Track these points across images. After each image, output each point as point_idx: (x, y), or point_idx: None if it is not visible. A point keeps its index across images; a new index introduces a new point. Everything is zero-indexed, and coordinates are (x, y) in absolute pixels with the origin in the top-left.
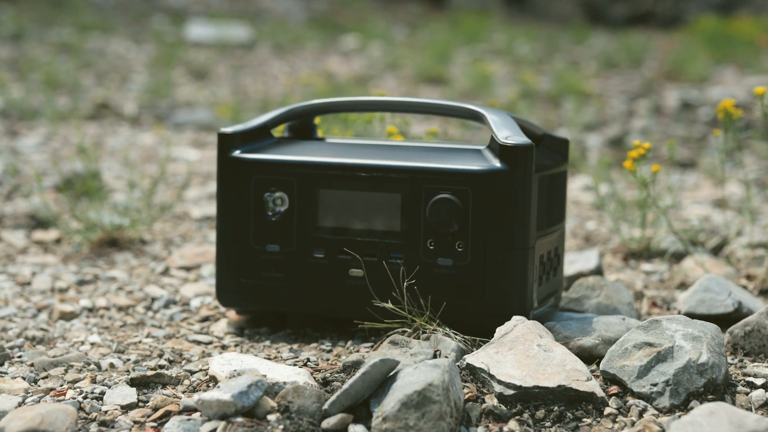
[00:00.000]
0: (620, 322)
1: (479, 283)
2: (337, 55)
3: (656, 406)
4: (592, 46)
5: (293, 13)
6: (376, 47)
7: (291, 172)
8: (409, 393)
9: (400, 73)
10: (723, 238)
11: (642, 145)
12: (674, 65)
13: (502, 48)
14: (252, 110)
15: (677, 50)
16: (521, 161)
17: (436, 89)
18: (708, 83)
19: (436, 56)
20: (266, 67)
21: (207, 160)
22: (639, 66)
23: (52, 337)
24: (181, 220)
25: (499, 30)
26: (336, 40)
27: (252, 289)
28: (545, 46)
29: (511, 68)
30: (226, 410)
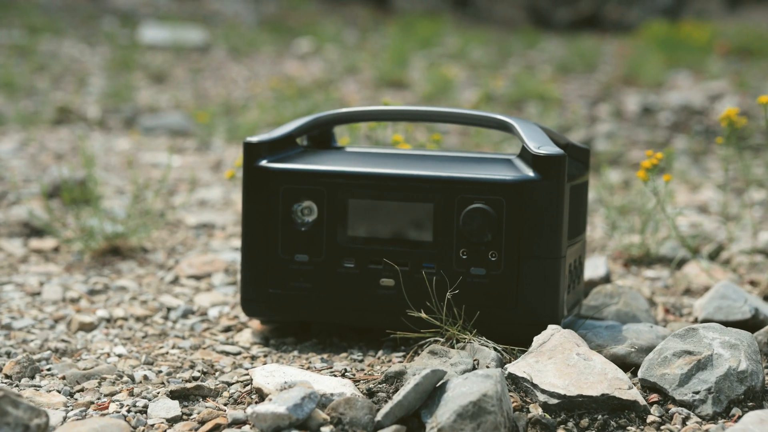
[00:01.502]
0: (649, 330)
1: (512, 292)
2: (293, 59)
3: (699, 413)
4: (543, 50)
5: (243, 15)
6: (330, 51)
7: (321, 181)
8: (464, 404)
9: (359, 77)
10: (719, 244)
11: (655, 155)
12: (630, 70)
13: (456, 52)
14: (221, 114)
15: (632, 55)
16: (554, 171)
17: (398, 93)
18: (664, 88)
19: (395, 60)
20: (224, 70)
21: (188, 166)
22: (593, 71)
23: (76, 349)
24: (176, 228)
25: (450, 34)
26: (290, 43)
27: (279, 300)
28: (497, 51)
29: (468, 72)
30: (280, 423)
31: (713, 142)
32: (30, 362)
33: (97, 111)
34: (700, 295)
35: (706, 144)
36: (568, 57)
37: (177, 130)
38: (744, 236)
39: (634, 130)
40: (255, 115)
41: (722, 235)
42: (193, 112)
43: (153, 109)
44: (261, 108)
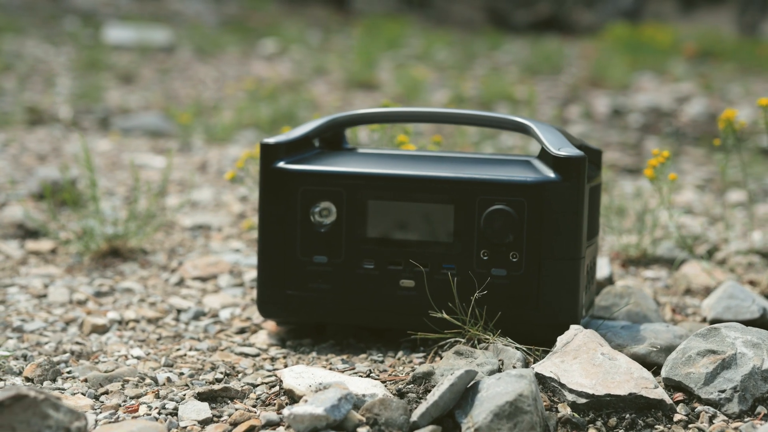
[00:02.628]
0: (666, 330)
1: (533, 293)
2: (259, 60)
3: (725, 412)
4: (508, 52)
5: (204, 16)
6: (296, 51)
7: (341, 183)
8: (500, 404)
9: (329, 78)
10: (713, 245)
11: (662, 153)
12: (596, 72)
13: (421, 53)
14: (194, 115)
15: (597, 57)
16: (575, 172)
17: (368, 94)
18: (631, 90)
19: (363, 61)
20: (192, 71)
21: (174, 167)
22: (559, 72)
23: (91, 351)
24: (170, 229)
25: (413, 35)
26: (254, 44)
27: (298, 301)
28: (462, 52)
29: (435, 73)
30: (317, 424)
31: (685, 144)
32: (51, 365)
33: (69, 112)
34: (701, 295)
35: (678, 145)
36: (532, 59)
37: (154, 131)
38: (734, 236)
39: (606, 131)
40: (230, 115)
41: (712, 236)
42: (171, 112)
43: (124, 110)
44: (239, 109)
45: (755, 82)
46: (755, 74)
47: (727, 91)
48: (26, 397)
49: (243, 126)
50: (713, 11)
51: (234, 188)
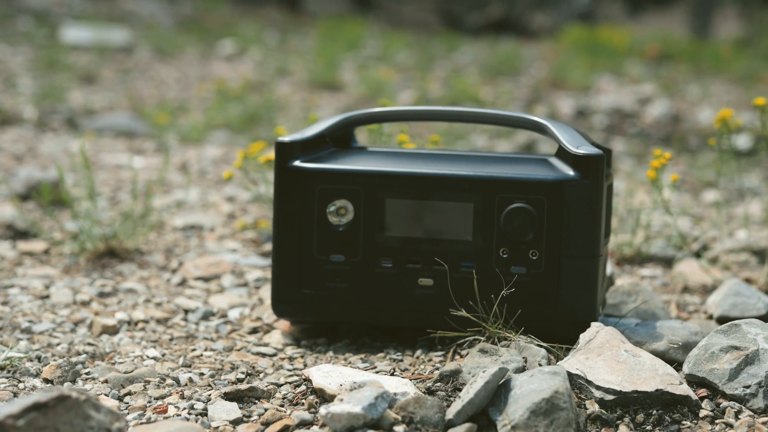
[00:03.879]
0: (682, 327)
1: (553, 290)
2: (219, 60)
3: (750, 407)
4: (466, 53)
5: (158, 16)
6: (255, 52)
7: (359, 181)
8: (537, 401)
9: (292, 79)
10: (704, 243)
11: (663, 154)
12: (557, 73)
13: (380, 55)
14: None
15: (557, 59)
16: (593, 170)
17: (333, 95)
18: (592, 91)
19: (325, 62)
20: (153, 71)
21: (153, 167)
22: (519, 74)
23: (105, 352)
24: (161, 229)
25: (371, 36)
26: (213, 44)
27: (314, 300)
28: (420, 53)
29: (397, 75)
30: (354, 423)
31: (651, 145)
32: (71, 366)
33: (34, 112)
34: (699, 293)
35: (644, 146)
36: (492, 60)
37: (125, 132)
38: (722, 235)
39: None
40: (197, 116)
41: (699, 234)
42: (144, 112)
43: (89, 110)
44: (212, 109)
45: (711, 83)
46: (710, 75)
47: (687, 92)
48: (69, 397)
49: (213, 127)
50: (660, 14)
51: (220, 188)
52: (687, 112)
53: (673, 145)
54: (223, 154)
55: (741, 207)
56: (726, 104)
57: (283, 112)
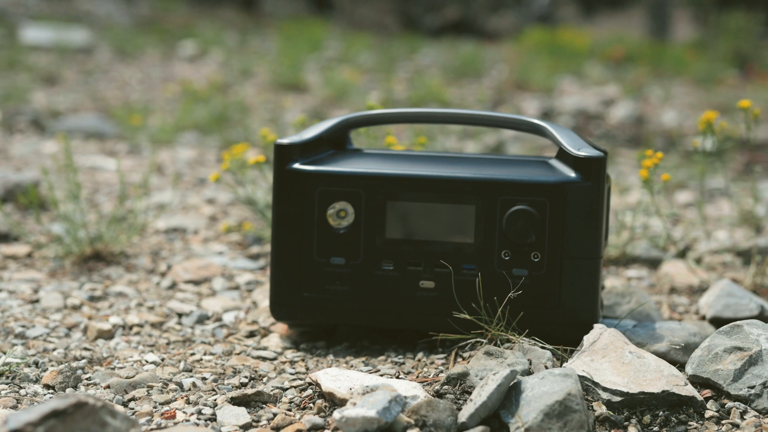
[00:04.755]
0: (681, 327)
1: (555, 292)
2: (181, 61)
3: (756, 407)
4: (427, 55)
5: (116, 16)
6: (217, 53)
7: (360, 184)
8: (550, 403)
9: (256, 81)
10: (686, 244)
11: (656, 154)
12: (520, 75)
13: (342, 56)
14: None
15: (520, 61)
16: (595, 172)
17: (298, 97)
18: (555, 92)
19: (289, 64)
20: (115, 72)
21: (128, 169)
22: (481, 76)
23: (102, 357)
24: (143, 232)
25: (332, 38)
26: (174, 45)
27: (315, 303)
28: (382, 55)
29: (361, 76)
30: (368, 427)
31: (617, 146)
32: (72, 371)
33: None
34: (686, 294)
35: (610, 147)
36: (455, 62)
37: (93, 133)
38: (702, 236)
39: None
40: (163, 117)
41: (678, 235)
42: (115, 114)
43: (53, 111)
44: (182, 111)
45: (672, 85)
46: (670, 78)
47: (649, 94)
48: (86, 404)
49: (182, 128)
50: (613, 16)
51: (198, 190)
52: (651, 114)
53: (639, 146)
54: (198, 156)
55: (714, 208)
56: (688, 106)
57: (250, 114)
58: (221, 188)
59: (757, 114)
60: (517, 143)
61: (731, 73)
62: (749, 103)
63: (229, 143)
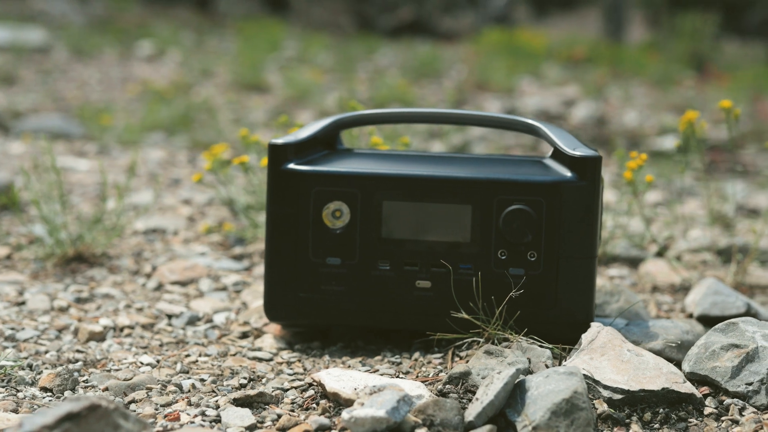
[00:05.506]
0: (674, 326)
1: (552, 292)
2: (140, 61)
3: (753, 404)
4: (385, 55)
5: (70, 16)
6: (175, 53)
7: (356, 183)
8: (557, 401)
9: (217, 81)
10: (664, 243)
11: (640, 156)
12: (480, 75)
13: (301, 56)
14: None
15: (479, 61)
16: (591, 172)
17: (261, 97)
18: (515, 93)
19: (249, 64)
20: (74, 72)
21: (98, 169)
22: (441, 76)
23: (96, 359)
24: (121, 233)
25: (288, 38)
26: (131, 45)
27: (310, 304)
28: (340, 55)
29: (321, 76)
30: (377, 427)
31: None
32: (70, 374)
33: None
34: (669, 292)
35: None
36: (414, 62)
37: (59, 133)
38: (678, 235)
39: (503, 134)
40: (127, 117)
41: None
42: (81, 114)
43: (14, 112)
44: (149, 110)
45: (629, 85)
46: (626, 78)
47: (609, 94)
48: (99, 406)
49: (147, 128)
50: (565, 17)
51: (173, 190)
52: (612, 115)
53: (601, 146)
54: (168, 156)
55: (683, 207)
56: (647, 107)
57: (214, 114)
58: (197, 188)
59: (737, 114)
60: (483, 143)
61: (688, 74)
62: (730, 104)
63: (198, 144)
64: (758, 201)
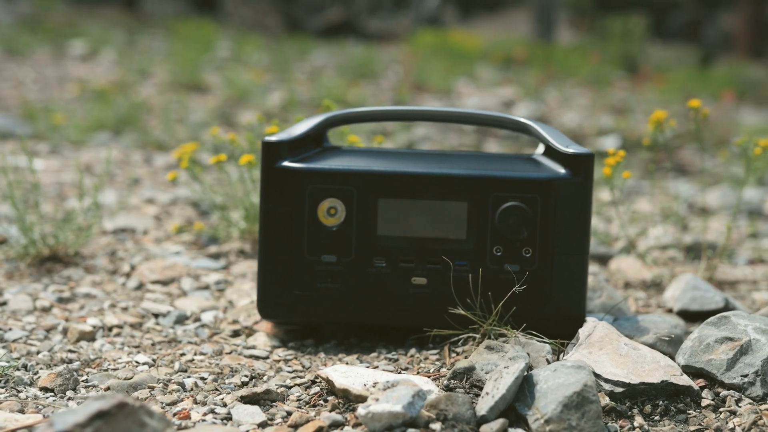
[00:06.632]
0: (663, 321)
1: (546, 287)
2: (74, 61)
3: (749, 395)
4: (319, 56)
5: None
6: (109, 53)
7: (351, 181)
8: (568, 394)
9: (154, 81)
10: (630, 240)
11: (618, 152)
12: (418, 76)
13: (235, 56)
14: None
15: (416, 62)
16: (584, 169)
17: (201, 97)
18: (453, 94)
19: (187, 63)
20: (8, 71)
21: (55, 169)
22: (378, 77)
23: (90, 359)
24: (91, 233)
25: (222, 38)
26: (63, 44)
27: (306, 301)
28: (274, 55)
29: (261, 76)
30: (393, 422)
31: (523, 147)
32: (70, 373)
33: None
34: (641, 288)
35: (518, 148)
36: (350, 63)
37: (4, 133)
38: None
39: (446, 134)
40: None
41: (614, 232)
42: (29, 114)
43: None
44: (95, 110)
45: (563, 86)
46: (560, 79)
47: (546, 95)
48: (127, 404)
49: (91, 128)
50: (491, 19)
51: (134, 190)
52: (551, 115)
53: None
54: (123, 156)
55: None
56: (584, 107)
57: (154, 114)
58: (159, 188)
59: (706, 114)
60: (428, 143)
61: (620, 75)
62: (698, 103)
63: (149, 144)
64: (706, 199)
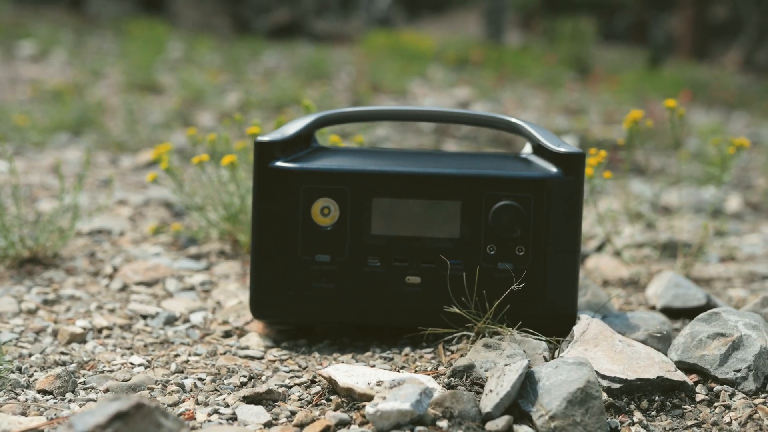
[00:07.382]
0: (651, 317)
1: (540, 286)
2: (24, 62)
3: (742, 390)
4: (271, 57)
5: None
6: (60, 54)
7: (345, 181)
8: (572, 390)
9: (108, 81)
10: (603, 239)
11: (600, 152)
12: (372, 77)
13: (187, 57)
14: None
15: (369, 63)
16: (575, 168)
17: (156, 98)
18: (408, 95)
19: (141, 64)
20: None
21: (21, 171)
22: (332, 78)
23: (83, 361)
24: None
25: (173, 39)
26: (10, 45)
27: (300, 301)
28: (225, 56)
29: (213, 77)
30: (401, 420)
31: (481, 146)
32: (69, 375)
33: None
34: (620, 286)
35: (476, 147)
36: (303, 63)
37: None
38: (611, 231)
39: (404, 134)
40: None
41: (589, 231)
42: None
43: None
44: (54, 111)
45: (515, 87)
46: (511, 80)
47: (501, 96)
48: (144, 405)
49: (50, 130)
50: (436, 20)
51: (104, 191)
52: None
53: (502, 147)
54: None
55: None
56: (538, 108)
57: (112, 115)
58: (129, 189)
59: (682, 114)
60: (387, 143)
61: (571, 76)
62: (674, 103)
63: (110, 145)
64: (668, 199)
